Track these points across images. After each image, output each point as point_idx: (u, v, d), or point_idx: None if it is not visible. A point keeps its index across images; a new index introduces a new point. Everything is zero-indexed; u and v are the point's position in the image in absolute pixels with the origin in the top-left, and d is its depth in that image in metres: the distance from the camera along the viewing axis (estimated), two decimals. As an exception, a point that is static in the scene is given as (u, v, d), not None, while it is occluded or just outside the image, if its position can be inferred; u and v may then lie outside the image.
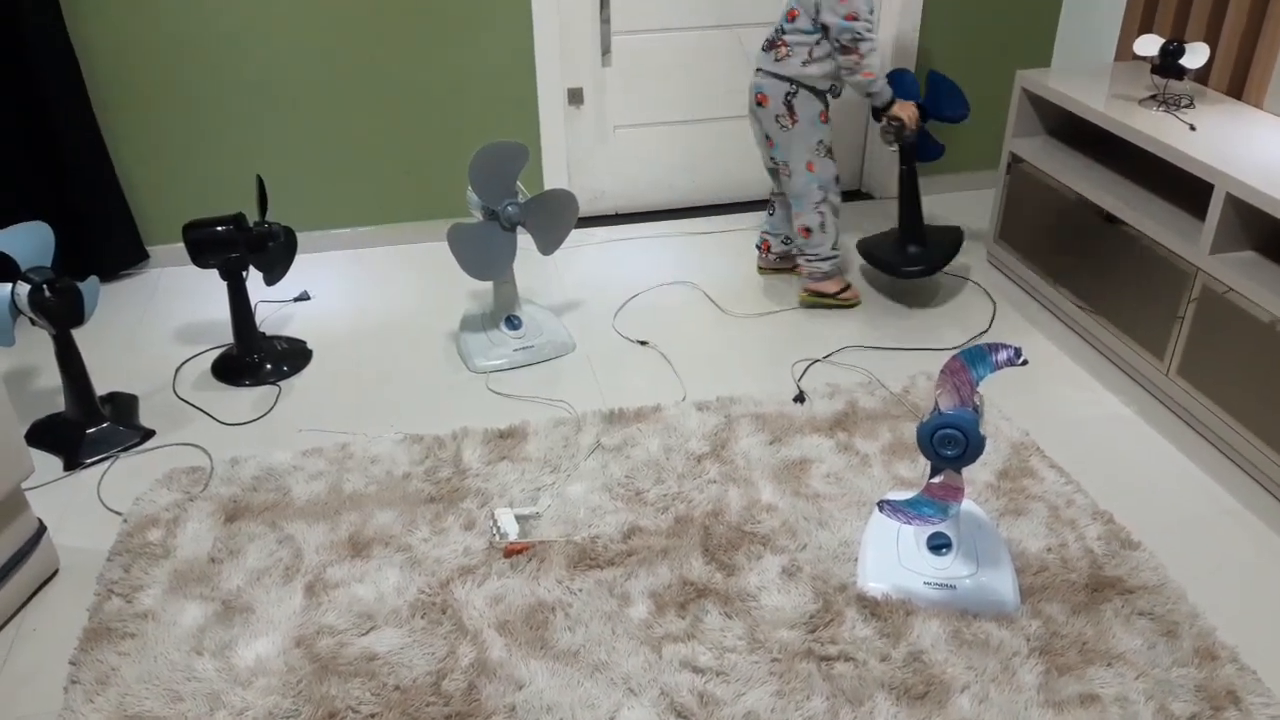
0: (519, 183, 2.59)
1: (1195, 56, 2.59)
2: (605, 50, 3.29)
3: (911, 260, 2.91)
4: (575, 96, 3.35)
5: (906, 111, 2.71)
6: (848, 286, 2.95)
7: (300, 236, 2.70)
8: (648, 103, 3.42)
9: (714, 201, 3.63)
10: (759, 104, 2.76)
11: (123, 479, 2.26)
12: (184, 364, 2.69)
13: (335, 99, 3.12)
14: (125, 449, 2.36)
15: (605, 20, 3.23)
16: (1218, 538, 2.10)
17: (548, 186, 3.37)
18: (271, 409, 2.51)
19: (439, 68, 3.15)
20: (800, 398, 2.48)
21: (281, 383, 2.61)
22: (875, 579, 1.91)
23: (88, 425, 2.36)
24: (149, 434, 2.41)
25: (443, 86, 3.18)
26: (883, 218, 3.33)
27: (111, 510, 2.17)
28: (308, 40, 3.02)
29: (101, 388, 2.47)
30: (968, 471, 2.19)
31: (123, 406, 2.48)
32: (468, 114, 3.23)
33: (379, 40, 3.07)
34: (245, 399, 2.56)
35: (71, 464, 2.30)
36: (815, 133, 2.74)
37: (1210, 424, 2.35)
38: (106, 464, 2.32)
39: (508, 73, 3.21)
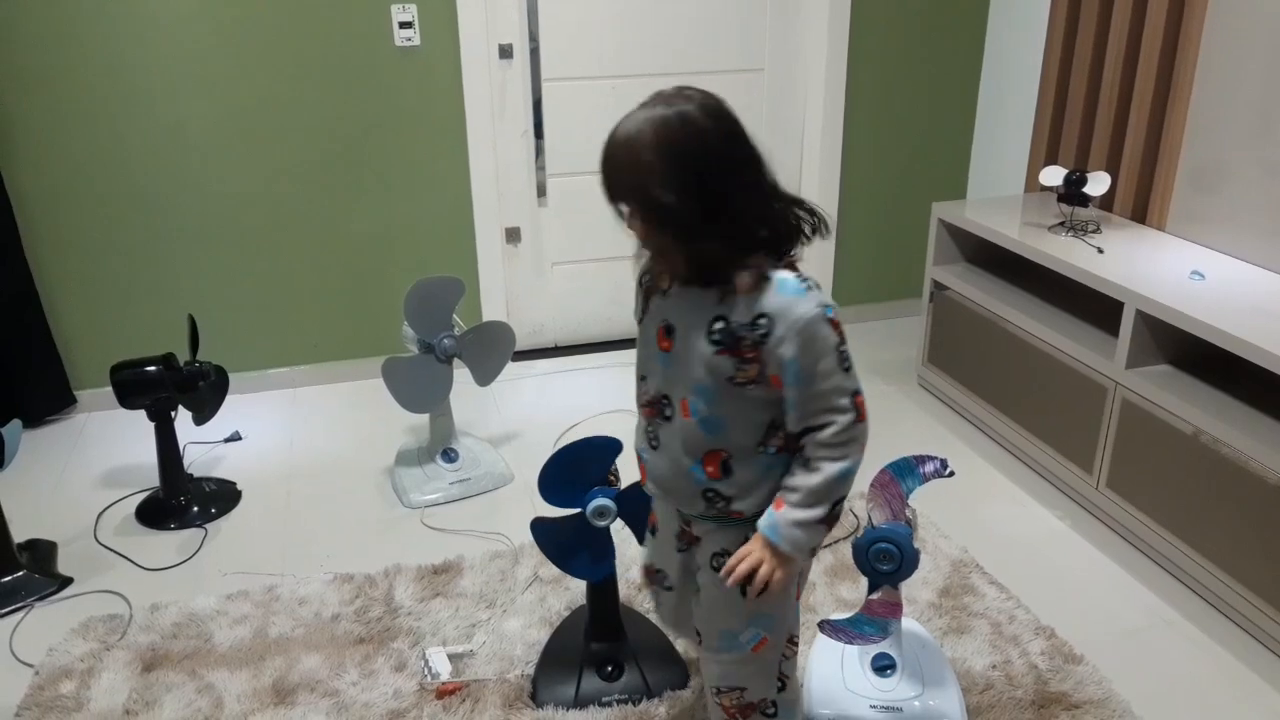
0: (456, 317, 2.61)
1: (1097, 185, 2.73)
2: (541, 193, 3.39)
3: None
4: (513, 235, 3.43)
5: None
6: None
7: (233, 377, 2.68)
8: (583, 240, 3.51)
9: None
10: None
11: (37, 629, 2.16)
12: (107, 509, 2.61)
13: (271, 238, 3.15)
14: (41, 598, 2.25)
15: (540, 167, 3.34)
16: (1158, 648, 2.09)
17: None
18: (196, 553, 2.43)
19: (378, 210, 3.21)
20: None
21: (208, 525, 2.54)
22: (821, 705, 1.86)
23: (2, 574, 2.25)
24: (66, 581, 2.31)
25: (381, 228, 3.23)
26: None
27: (23, 662, 2.06)
28: (245, 182, 3.06)
29: (20, 535, 2.38)
30: (910, 591, 2.19)
31: (40, 554, 2.38)
32: (406, 255, 3.28)
33: (317, 182, 3.12)
34: (170, 543, 2.48)
35: (-19, 616, 2.19)
36: None
37: (1141, 534, 2.38)
38: (20, 614, 2.21)
39: (446, 214, 3.28)
